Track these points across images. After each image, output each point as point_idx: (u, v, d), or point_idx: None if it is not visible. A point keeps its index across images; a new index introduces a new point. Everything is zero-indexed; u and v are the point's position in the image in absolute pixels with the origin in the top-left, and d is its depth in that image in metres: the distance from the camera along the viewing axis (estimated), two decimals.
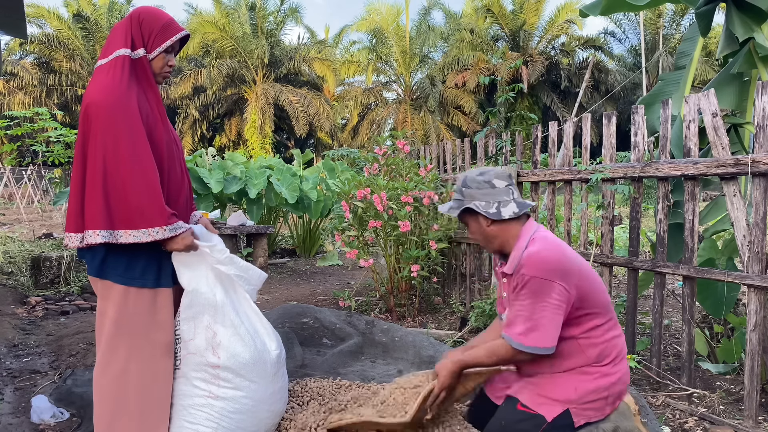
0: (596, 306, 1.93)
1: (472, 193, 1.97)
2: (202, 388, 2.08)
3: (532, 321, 1.83)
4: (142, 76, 2.05)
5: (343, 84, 32.43)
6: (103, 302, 2.04)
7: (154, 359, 2.03)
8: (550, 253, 1.86)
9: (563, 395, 1.89)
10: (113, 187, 1.90)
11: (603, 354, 1.93)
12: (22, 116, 7.01)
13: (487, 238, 2.00)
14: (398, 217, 4.26)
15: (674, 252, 3.32)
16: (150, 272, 2.03)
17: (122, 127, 1.91)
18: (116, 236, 1.92)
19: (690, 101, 2.90)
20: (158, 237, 1.94)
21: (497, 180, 1.97)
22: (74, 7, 28.22)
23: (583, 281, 1.89)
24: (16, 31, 4.79)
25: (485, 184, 1.96)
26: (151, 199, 1.92)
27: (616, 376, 1.93)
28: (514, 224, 1.97)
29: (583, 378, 1.90)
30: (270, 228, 7.29)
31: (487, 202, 1.95)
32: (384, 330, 3.61)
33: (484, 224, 1.97)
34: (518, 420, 1.90)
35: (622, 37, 29.23)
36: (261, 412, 2.18)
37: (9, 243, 7.17)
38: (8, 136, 7.27)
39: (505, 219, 1.94)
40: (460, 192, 2.00)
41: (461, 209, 1.99)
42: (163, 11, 2.13)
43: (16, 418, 2.65)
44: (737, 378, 3.09)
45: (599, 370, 1.91)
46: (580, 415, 1.89)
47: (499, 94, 4.45)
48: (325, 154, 8.89)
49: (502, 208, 1.94)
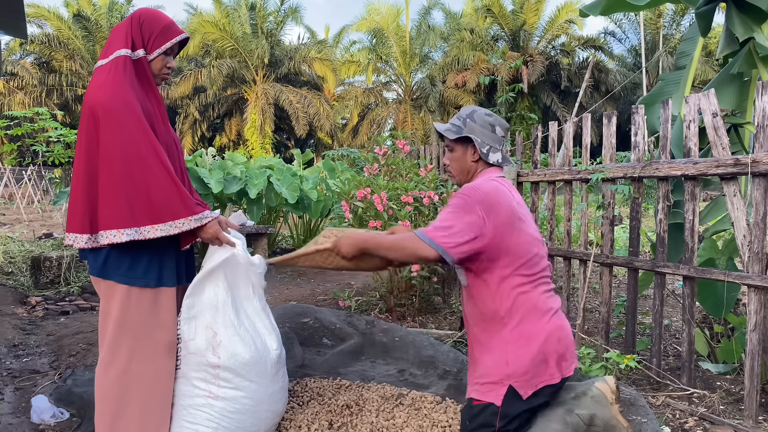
0: (520, 254, 1.92)
1: (473, 127, 2.06)
2: (202, 388, 2.08)
3: (443, 224, 1.90)
4: (142, 77, 2.07)
5: (343, 84, 32.42)
6: (105, 302, 2.04)
7: (156, 359, 2.04)
8: (484, 187, 1.96)
9: (500, 373, 1.91)
10: (133, 185, 1.93)
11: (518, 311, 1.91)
12: (22, 116, 7.01)
13: (463, 168, 2.10)
14: (398, 217, 4.26)
15: (674, 252, 3.31)
16: (152, 271, 2.03)
17: (132, 125, 1.93)
18: (143, 233, 1.94)
19: (690, 101, 2.90)
20: (185, 228, 1.97)
21: (499, 128, 2.09)
22: (74, 7, 28.22)
23: (505, 222, 1.90)
24: (16, 31, 4.79)
25: (488, 125, 2.07)
26: (173, 191, 1.96)
27: (542, 336, 1.89)
28: (493, 169, 2.08)
29: (509, 348, 1.90)
30: (270, 228, 7.29)
31: (482, 141, 2.05)
32: (384, 330, 3.61)
33: (470, 156, 2.07)
34: (474, 415, 1.95)
35: (622, 37, 29.25)
36: (261, 412, 2.18)
37: (9, 243, 7.17)
38: (8, 136, 7.27)
39: (489, 162, 2.06)
40: (462, 120, 2.08)
41: (460, 135, 2.06)
42: (163, 13, 2.15)
43: (16, 418, 2.65)
44: (737, 378, 3.09)
45: (519, 333, 1.90)
46: (525, 387, 1.89)
47: (499, 94, 4.45)
48: (325, 154, 8.89)
49: (491, 153, 2.06)
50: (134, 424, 2.01)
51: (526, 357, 1.88)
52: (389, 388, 2.79)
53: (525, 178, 4.02)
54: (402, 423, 2.39)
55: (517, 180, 4.10)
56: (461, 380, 2.95)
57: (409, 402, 2.60)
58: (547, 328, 1.92)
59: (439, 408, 2.55)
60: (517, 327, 1.91)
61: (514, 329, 1.91)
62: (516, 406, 1.89)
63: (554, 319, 1.95)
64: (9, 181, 17.20)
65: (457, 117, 2.11)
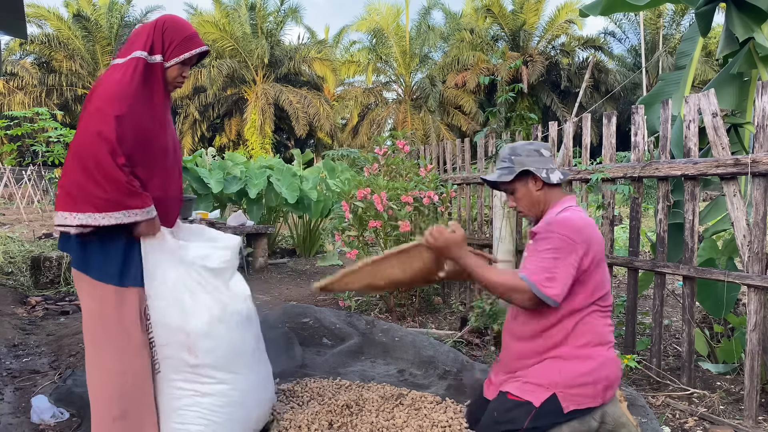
0: (598, 288, 1.98)
1: (522, 160, 2.07)
2: (186, 388, 2.08)
3: (549, 272, 1.89)
4: (153, 81, 2.08)
5: (343, 84, 32.41)
6: (85, 301, 2.07)
7: (135, 358, 2.03)
8: (580, 221, 1.97)
9: (548, 379, 1.94)
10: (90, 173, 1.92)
11: (584, 335, 1.95)
12: (22, 116, 7.00)
13: (533, 202, 2.09)
14: (398, 217, 4.26)
15: (674, 252, 3.31)
16: (126, 271, 2.04)
17: (110, 112, 1.93)
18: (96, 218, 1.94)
19: (690, 101, 2.90)
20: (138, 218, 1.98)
21: (544, 150, 2.10)
22: (74, 7, 28.21)
23: (596, 259, 1.96)
24: (16, 31, 4.79)
25: (534, 152, 2.08)
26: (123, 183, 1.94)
27: (599, 360, 1.95)
28: (557, 191, 2.09)
29: (565, 362, 1.94)
30: (270, 228, 7.29)
31: (537, 168, 2.05)
32: (384, 330, 3.61)
33: (533, 188, 2.08)
34: (508, 409, 1.96)
35: (622, 37, 29.24)
36: (249, 401, 2.19)
37: (9, 243, 7.17)
38: (8, 136, 7.27)
39: (553, 183, 2.06)
40: (509, 160, 2.09)
41: (515, 174, 2.06)
42: (188, 24, 2.18)
43: (16, 418, 2.64)
44: (737, 378, 3.09)
45: (578, 353, 1.94)
46: (568, 400, 1.91)
47: (499, 94, 4.44)
48: (325, 154, 8.89)
49: (550, 174, 2.06)
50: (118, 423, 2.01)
51: (579, 372, 1.93)
52: (389, 388, 2.79)
53: None
54: (402, 423, 2.39)
55: None
56: (461, 380, 2.96)
57: (409, 402, 2.60)
58: (606, 355, 1.98)
59: (439, 408, 2.55)
60: (580, 347, 1.95)
61: (575, 348, 1.95)
62: (551, 415, 1.91)
63: (612, 351, 2.02)
64: (9, 181, 17.20)
65: (501, 160, 2.13)
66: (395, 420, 2.42)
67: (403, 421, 2.41)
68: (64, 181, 1.99)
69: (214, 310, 2.09)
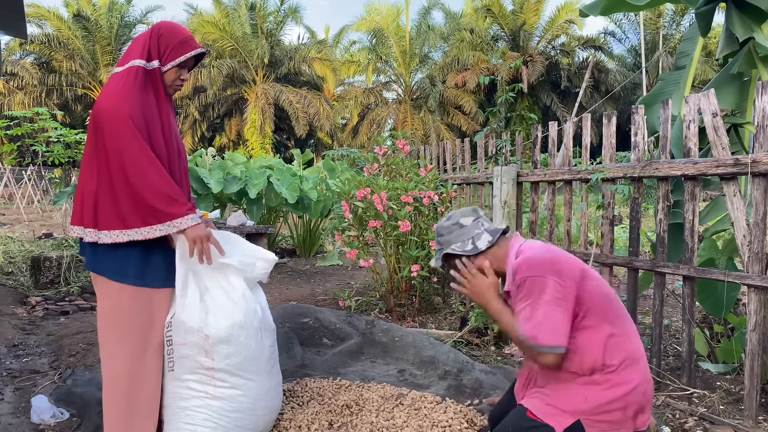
0: (601, 308, 1.88)
1: (447, 240, 2.06)
2: (197, 389, 2.09)
3: (533, 320, 1.81)
4: (154, 87, 2.13)
5: (343, 84, 32.43)
6: (99, 299, 2.10)
7: (144, 358, 2.07)
8: (538, 255, 1.91)
9: (573, 406, 1.83)
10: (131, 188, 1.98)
11: (616, 354, 1.85)
12: (22, 116, 7.01)
13: (485, 269, 2.03)
14: (398, 217, 4.26)
15: (674, 252, 3.31)
16: (144, 271, 2.07)
17: (128, 133, 1.98)
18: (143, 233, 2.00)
19: (690, 101, 2.90)
20: (182, 227, 2.02)
21: (463, 219, 2.07)
22: (74, 7, 28.21)
23: (585, 281, 1.88)
24: (16, 31, 4.80)
25: (454, 227, 2.06)
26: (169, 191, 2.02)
27: (631, 385, 1.83)
28: (498, 248, 2.03)
29: (593, 388, 1.83)
30: (270, 228, 7.29)
31: (462, 242, 2.03)
32: (384, 330, 3.61)
33: (472, 260, 2.03)
34: (526, 428, 1.86)
35: (622, 37, 29.24)
36: (258, 409, 2.19)
37: (9, 243, 7.16)
38: (8, 136, 7.27)
39: (484, 250, 2.01)
40: (438, 243, 2.09)
41: (443, 256, 2.06)
42: (183, 28, 2.24)
43: (16, 418, 2.65)
44: (737, 378, 3.09)
45: (609, 378, 1.83)
46: (593, 427, 1.81)
47: (499, 94, 4.44)
48: (325, 154, 8.89)
49: (476, 241, 2.02)
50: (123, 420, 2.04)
51: (606, 398, 1.82)
52: (389, 388, 2.80)
53: (525, 178, 4.02)
54: (402, 423, 2.39)
55: (517, 180, 4.10)
56: (461, 380, 2.96)
57: (409, 402, 2.60)
58: (638, 378, 1.86)
59: (439, 408, 2.55)
60: (611, 373, 1.84)
61: (607, 374, 1.84)
62: None
63: (644, 370, 1.90)
64: (9, 181, 17.20)
65: (434, 245, 2.11)
66: (395, 420, 2.42)
67: (403, 421, 2.41)
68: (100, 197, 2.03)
69: (236, 317, 2.11)
